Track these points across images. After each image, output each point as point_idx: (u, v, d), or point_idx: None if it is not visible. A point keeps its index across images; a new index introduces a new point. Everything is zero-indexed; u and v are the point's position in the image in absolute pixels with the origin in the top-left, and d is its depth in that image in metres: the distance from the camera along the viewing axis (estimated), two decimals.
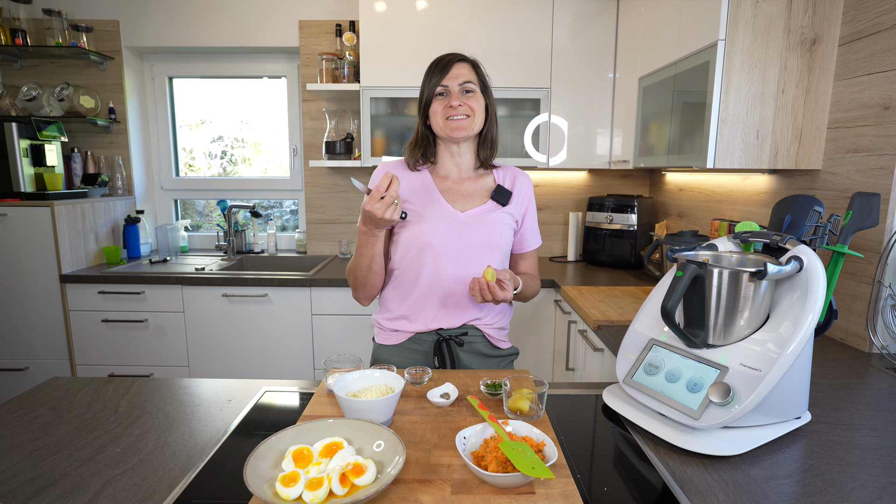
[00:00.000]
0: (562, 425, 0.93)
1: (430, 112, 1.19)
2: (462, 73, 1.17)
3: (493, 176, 1.29)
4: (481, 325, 1.25)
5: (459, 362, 1.25)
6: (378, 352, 1.30)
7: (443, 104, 1.17)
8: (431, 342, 1.24)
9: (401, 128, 2.49)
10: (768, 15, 1.46)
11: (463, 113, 1.16)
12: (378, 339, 1.30)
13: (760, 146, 1.53)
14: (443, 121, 1.18)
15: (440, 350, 1.23)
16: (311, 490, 0.66)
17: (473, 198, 1.24)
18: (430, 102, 1.19)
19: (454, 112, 1.16)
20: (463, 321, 1.23)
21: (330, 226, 2.91)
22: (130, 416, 0.94)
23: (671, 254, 0.94)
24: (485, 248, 1.20)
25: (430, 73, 1.19)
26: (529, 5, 2.37)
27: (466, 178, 1.27)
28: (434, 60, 1.20)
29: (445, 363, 1.23)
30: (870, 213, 0.95)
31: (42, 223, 2.28)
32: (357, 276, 1.21)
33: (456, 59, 1.19)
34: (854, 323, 1.38)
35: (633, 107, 2.16)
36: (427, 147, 1.25)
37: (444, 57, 1.20)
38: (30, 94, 2.59)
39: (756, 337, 0.84)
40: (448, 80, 1.17)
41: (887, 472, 0.78)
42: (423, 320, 1.22)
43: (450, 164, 1.26)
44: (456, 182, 1.26)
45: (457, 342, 1.23)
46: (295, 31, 2.70)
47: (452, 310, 1.22)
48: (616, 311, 1.70)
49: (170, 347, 2.37)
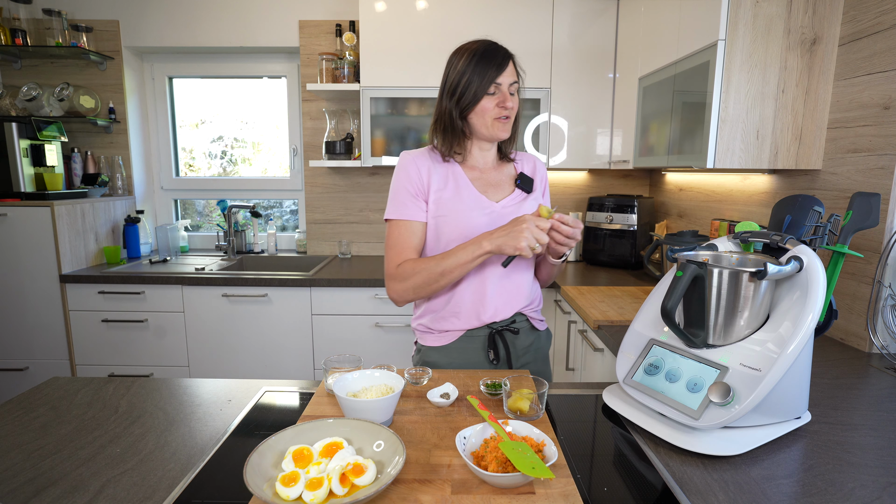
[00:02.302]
0: (562, 425, 0.93)
1: (479, 108, 1.12)
2: (511, 70, 1.13)
3: (514, 164, 1.27)
4: (527, 310, 1.25)
5: (515, 352, 1.23)
6: (427, 354, 1.24)
7: (494, 102, 1.12)
8: (484, 336, 1.21)
9: (401, 128, 2.49)
10: (768, 15, 1.46)
11: (509, 115, 1.14)
12: (424, 341, 1.25)
13: (760, 146, 1.53)
14: (492, 120, 1.13)
15: (494, 343, 1.20)
16: (311, 490, 0.66)
17: (500, 187, 1.22)
18: (479, 97, 1.11)
19: (504, 112, 1.12)
20: (514, 311, 1.22)
21: (330, 226, 2.91)
22: (130, 416, 0.94)
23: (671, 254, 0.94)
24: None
25: (482, 63, 1.10)
26: (529, 5, 2.37)
27: (491, 168, 1.24)
28: (483, 50, 1.11)
29: (499, 356, 1.21)
30: (870, 213, 0.95)
31: (42, 223, 2.28)
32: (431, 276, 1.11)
33: (508, 56, 1.13)
34: (854, 323, 1.38)
35: (633, 107, 2.16)
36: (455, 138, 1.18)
37: (496, 49, 1.12)
38: (30, 94, 2.59)
39: (756, 337, 0.84)
40: (503, 77, 1.11)
41: (887, 472, 0.78)
42: (475, 315, 1.19)
43: (478, 156, 1.23)
44: (482, 172, 1.22)
45: (512, 331, 1.21)
46: (295, 31, 2.70)
47: (502, 301, 1.20)
48: (616, 311, 1.70)
49: (170, 347, 2.37)
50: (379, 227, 2.91)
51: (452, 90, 1.14)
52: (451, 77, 1.14)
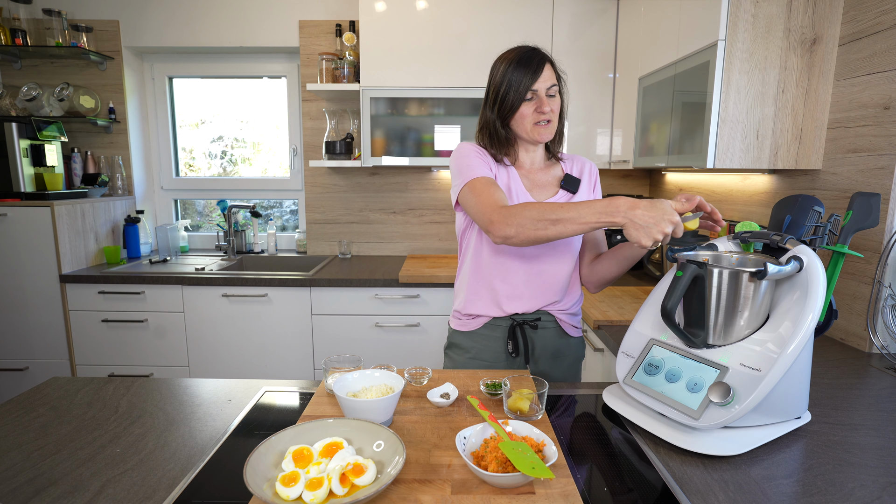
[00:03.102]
0: (562, 425, 0.93)
1: (518, 115, 1.16)
2: (548, 75, 1.15)
3: (561, 165, 1.30)
4: (554, 310, 1.26)
5: (534, 348, 1.26)
6: (453, 336, 1.33)
7: (532, 108, 1.15)
8: (506, 327, 1.25)
9: (401, 128, 2.49)
10: (768, 15, 1.46)
11: (549, 118, 1.16)
12: (454, 324, 1.33)
13: (760, 146, 1.53)
14: (531, 126, 1.17)
15: (514, 335, 1.24)
16: (311, 490, 0.66)
17: (546, 188, 1.25)
18: (517, 105, 1.15)
19: (543, 117, 1.15)
20: (539, 305, 1.24)
21: (330, 226, 2.91)
22: (130, 416, 0.94)
23: (671, 254, 0.94)
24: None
25: (518, 71, 1.13)
26: (529, 5, 2.36)
27: (538, 169, 1.27)
28: (519, 57, 1.14)
29: (518, 348, 1.24)
30: (870, 213, 0.95)
31: (42, 223, 2.28)
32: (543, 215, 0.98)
33: (545, 60, 1.15)
34: (854, 323, 1.38)
35: (633, 107, 2.16)
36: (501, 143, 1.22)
37: (531, 55, 1.14)
38: (30, 94, 2.59)
39: (756, 337, 0.84)
40: (538, 83, 1.13)
41: (887, 472, 0.78)
42: (501, 304, 1.23)
43: (524, 157, 1.26)
44: (529, 172, 1.26)
45: (531, 325, 1.24)
46: (295, 31, 2.70)
47: (530, 295, 1.23)
48: (616, 311, 1.70)
49: (170, 347, 2.37)
50: (378, 226, 2.91)
51: (493, 100, 1.19)
52: (492, 86, 1.19)
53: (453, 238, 2.92)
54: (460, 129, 2.44)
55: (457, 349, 1.31)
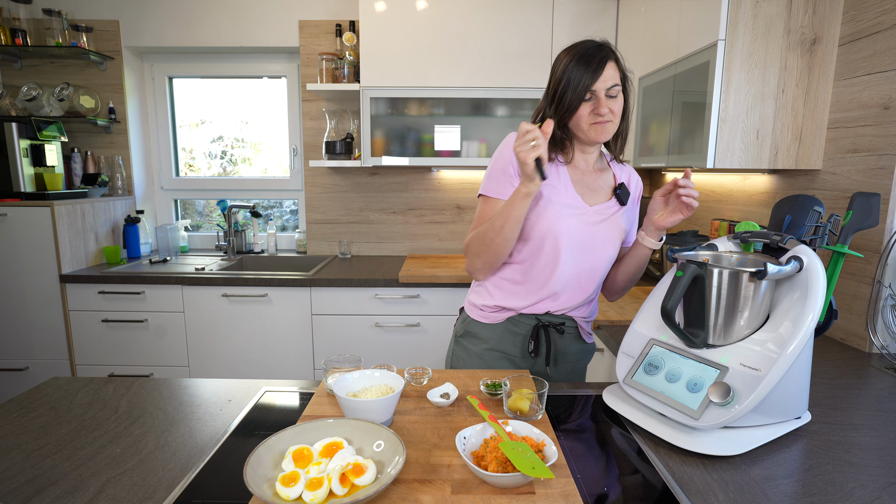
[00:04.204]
0: (562, 425, 0.93)
1: (576, 116, 1.12)
2: (610, 74, 1.09)
3: (612, 172, 1.26)
4: (577, 315, 1.25)
5: (556, 350, 1.25)
6: (471, 326, 1.28)
7: (589, 109, 1.10)
8: (530, 326, 1.23)
9: (401, 128, 2.49)
10: (768, 15, 1.46)
11: (608, 119, 1.11)
12: (474, 315, 1.28)
13: (760, 146, 1.53)
14: (587, 125, 1.12)
15: (537, 335, 1.22)
16: (311, 490, 0.66)
17: (598, 193, 1.21)
18: (575, 105, 1.10)
19: (600, 119, 1.10)
20: (566, 310, 1.23)
21: (330, 226, 2.91)
22: (130, 416, 0.94)
23: (671, 254, 0.94)
24: (605, 243, 1.18)
25: (578, 70, 1.08)
26: (529, 5, 2.36)
27: (592, 172, 1.23)
28: (581, 53, 1.09)
29: (539, 349, 1.23)
30: (870, 213, 0.95)
31: (42, 223, 2.28)
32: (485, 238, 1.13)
33: (607, 58, 1.09)
34: (854, 323, 1.38)
35: (633, 107, 2.16)
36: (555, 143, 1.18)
37: (593, 52, 1.09)
38: (30, 94, 2.59)
39: (756, 337, 0.85)
40: (598, 83, 1.08)
41: (887, 472, 0.78)
42: (531, 303, 1.21)
43: (580, 158, 1.22)
44: (584, 174, 1.22)
45: (557, 330, 1.22)
46: (295, 31, 2.70)
47: (562, 298, 1.21)
48: (616, 311, 1.70)
49: (170, 347, 2.37)
50: (378, 226, 2.91)
51: (552, 96, 1.14)
52: (552, 81, 1.14)
53: (453, 238, 2.92)
54: (460, 129, 2.44)
55: (473, 339, 1.28)
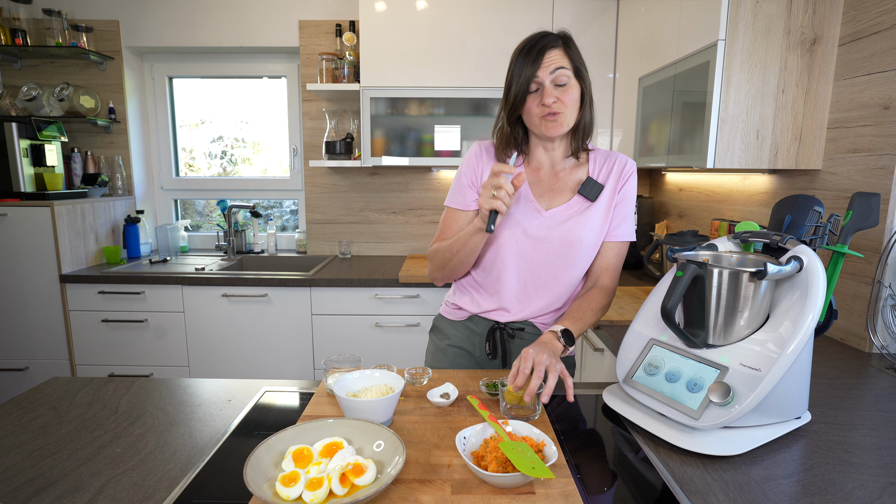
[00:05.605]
0: (562, 425, 0.93)
1: (525, 110, 1.08)
2: (554, 59, 1.03)
3: (588, 166, 1.16)
4: (539, 322, 1.22)
5: (511, 354, 1.24)
6: (439, 321, 1.34)
7: (536, 101, 1.05)
8: (486, 327, 1.24)
9: (401, 128, 2.49)
10: (768, 15, 1.46)
11: (557, 110, 1.04)
12: (441, 310, 1.35)
13: (760, 146, 1.53)
14: (538, 119, 1.06)
15: (493, 337, 1.23)
16: (311, 490, 0.66)
17: (560, 193, 1.15)
18: (522, 99, 1.06)
19: (549, 110, 1.04)
20: (523, 318, 1.21)
21: (330, 226, 2.91)
22: (130, 416, 0.94)
23: (671, 254, 0.94)
24: (561, 250, 1.12)
25: (520, 62, 1.04)
26: (529, 5, 2.36)
27: (560, 170, 1.16)
28: (523, 45, 1.05)
29: (497, 352, 1.23)
30: (870, 213, 0.95)
31: (42, 223, 2.28)
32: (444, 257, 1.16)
33: (548, 46, 1.03)
34: (854, 323, 1.38)
35: (633, 107, 2.16)
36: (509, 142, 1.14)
37: (533, 42, 1.04)
38: (30, 94, 2.59)
39: (756, 337, 0.84)
40: (540, 71, 1.03)
41: (887, 472, 0.78)
42: (484, 306, 1.22)
43: (542, 156, 1.16)
44: (548, 174, 1.16)
45: (509, 334, 1.22)
46: (295, 31, 2.70)
47: (514, 310, 1.20)
48: (616, 311, 1.70)
49: (170, 347, 2.37)
50: (378, 227, 2.91)
51: (505, 95, 1.11)
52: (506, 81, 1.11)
53: None
54: (460, 129, 2.44)
55: (439, 333, 1.32)
